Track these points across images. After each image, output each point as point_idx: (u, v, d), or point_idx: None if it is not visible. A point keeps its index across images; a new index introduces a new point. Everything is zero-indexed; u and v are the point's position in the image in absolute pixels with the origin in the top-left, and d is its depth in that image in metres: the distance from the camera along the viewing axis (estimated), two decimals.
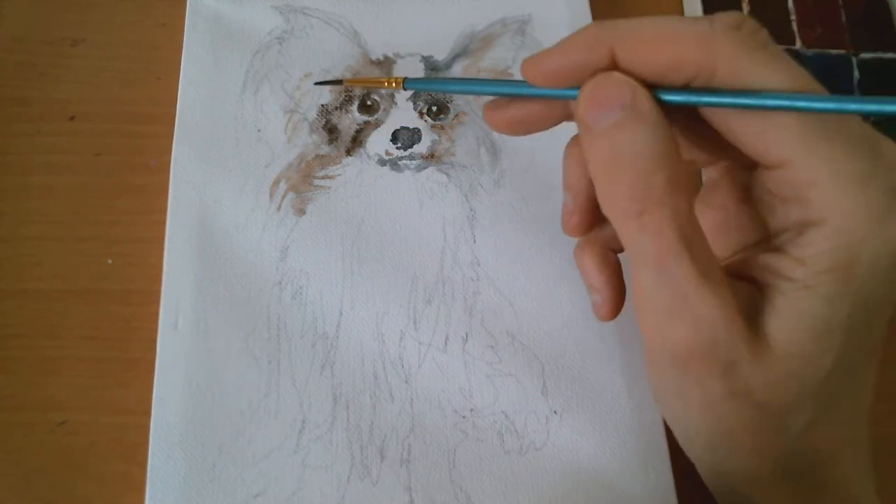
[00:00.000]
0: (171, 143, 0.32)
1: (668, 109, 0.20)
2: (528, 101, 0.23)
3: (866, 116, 0.18)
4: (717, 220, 0.24)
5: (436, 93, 0.34)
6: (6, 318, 0.31)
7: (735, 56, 0.19)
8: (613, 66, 0.20)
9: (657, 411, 0.29)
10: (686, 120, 0.22)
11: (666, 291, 0.19)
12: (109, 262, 0.32)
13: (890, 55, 0.38)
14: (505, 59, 0.35)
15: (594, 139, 0.20)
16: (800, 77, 0.19)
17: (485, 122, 0.24)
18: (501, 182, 0.33)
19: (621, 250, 0.25)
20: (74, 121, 0.34)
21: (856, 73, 0.38)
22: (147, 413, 0.28)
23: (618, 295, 0.25)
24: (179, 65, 0.34)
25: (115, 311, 0.31)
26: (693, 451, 0.23)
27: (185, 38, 0.34)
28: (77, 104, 0.35)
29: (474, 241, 0.32)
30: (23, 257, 0.32)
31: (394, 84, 0.26)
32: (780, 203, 0.21)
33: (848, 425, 0.21)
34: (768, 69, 0.19)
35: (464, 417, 0.29)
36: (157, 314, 0.29)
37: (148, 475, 0.27)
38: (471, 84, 0.25)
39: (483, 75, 0.35)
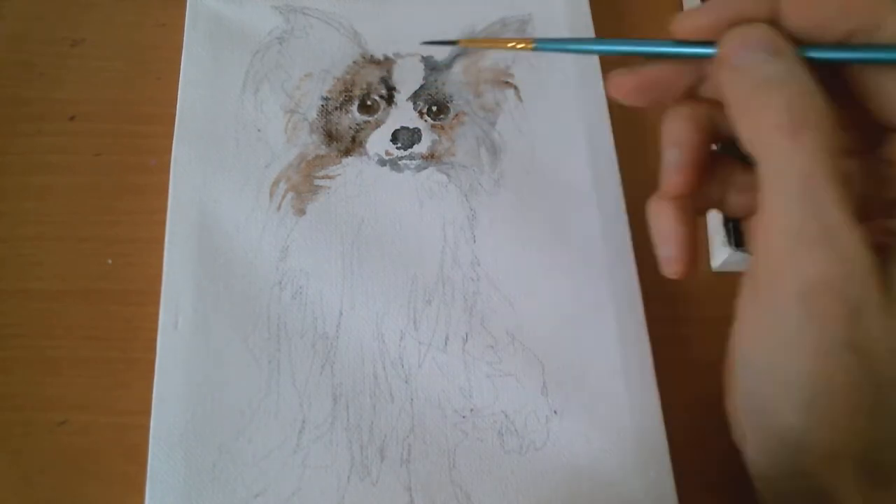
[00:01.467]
0: (171, 143, 0.32)
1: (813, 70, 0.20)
2: (660, 63, 0.23)
3: None
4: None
5: (436, 93, 0.34)
6: (6, 318, 0.31)
7: None
8: (774, 19, 0.20)
9: (658, 411, 0.29)
10: (831, 86, 0.21)
11: (808, 216, 0.19)
12: (109, 262, 0.32)
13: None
14: (505, 58, 0.35)
15: (738, 71, 0.20)
16: None
17: (610, 93, 0.24)
18: (501, 182, 0.33)
19: (704, 212, 0.25)
20: (74, 121, 0.34)
21: None
22: (147, 413, 0.28)
23: (692, 251, 0.24)
24: (179, 65, 0.34)
25: (115, 311, 0.31)
26: (781, 412, 0.21)
27: (185, 38, 0.34)
28: (77, 104, 0.35)
29: (474, 241, 0.32)
30: (23, 257, 0.32)
31: (522, 45, 0.24)
32: None
33: None
34: None
35: (464, 417, 0.29)
36: (157, 314, 0.29)
37: (148, 475, 0.27)
38: (607, 44, 0.25)
39: (483, 75, 0.35)
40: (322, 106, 0.34)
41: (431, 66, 0.35)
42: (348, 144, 0.33)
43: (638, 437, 0.28)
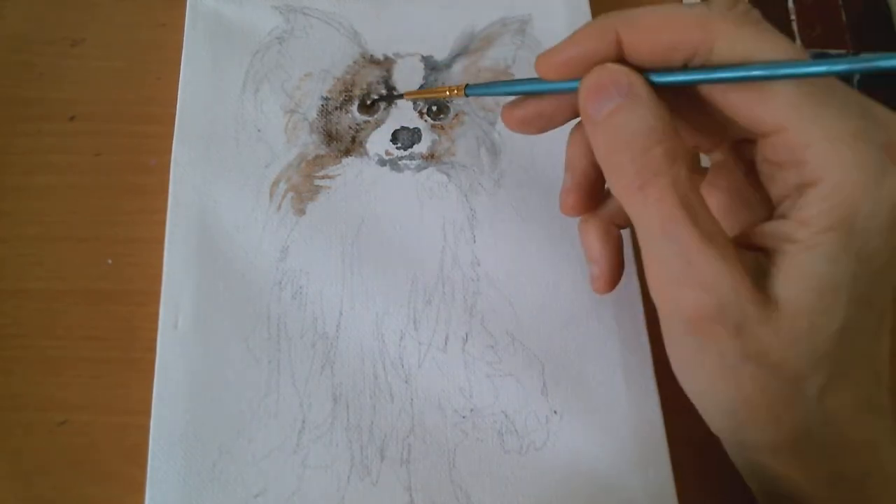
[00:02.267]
0: (171, 143, 0.32)
1: (669, 96, 0.22)
2: (541, 98, 0.25)
3: (849, 77, 0.19)
4: (724, 200, 0.25)
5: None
6: (6, 318, 0.31)
7: (729, 32, 0.20)
8: (619, 53, 0.22)
9: (658, 411, 0.29)
10: (687, 106, 0.23)
11: (671, 258, 0.20)
12: (109, 262, 0.32)
13: (890, 55, 0.38)
14: (505, 58, 0.35)
15: (597, 127, 0.22)
16: (790, 49, 0.20)
17: (502, 123, 0.26)
18: (501, 182, 0.33)
19: (623, 226, 0.27)
20: (74, 121, 0.34)
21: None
22: (147, 413, 0.28)
23: (615, 268, 0.26)
24: (179, 65, 0.34)
25: (115, 311, 0.31)
26: (713, 421, 0.23)
27: (185, 38, 0.34)
28: (77, 104, 0.35)
29: (474, 241, 0.32)
30: (23, 257, 0.32)
31: (455, 91, 0.27)
32: (779, 170, 0.21)
33: (863, 390, 0.21)
34: (761, 43, 0.20)
35: (464, 417, 0.29)
36: (157, 314, 0.29)
37: (148, 475, 0.27)
38: (509, 86, 0.26)
39: (483, 75, 0.35)
40: (322, 106, 0.34)
41: (431, 66, 0.35)
42: (348, 144, 0.33)
43: (638, 437, 0.28)
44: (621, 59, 0.22)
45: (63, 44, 0.36)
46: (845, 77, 0.20)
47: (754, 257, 0.21)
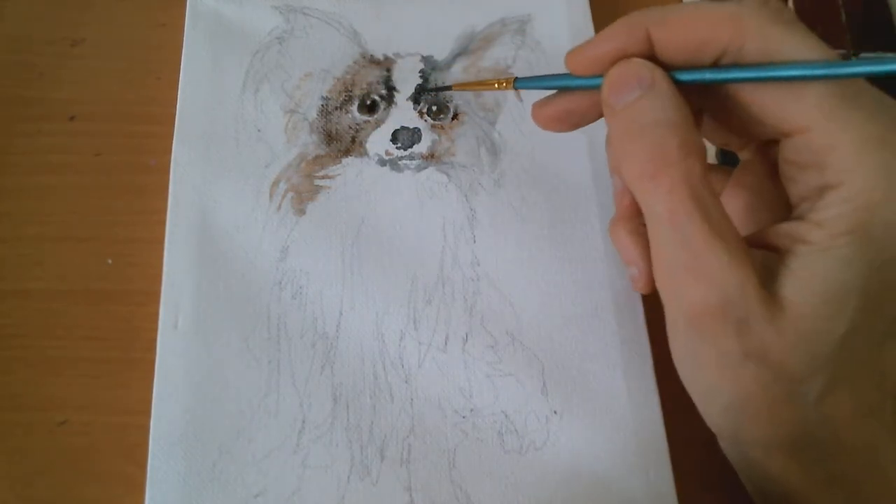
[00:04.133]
0: (171, 143, 0.32)
1: (697, 95, 0.22)
2: (571, 94, 0.25)
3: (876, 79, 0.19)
4: (747, 199, 0.25)
5: (436, 93, 0.34)
6: (6, 318, 0.31)
7: (761, 29, 0.20)
8: (649, 50, 0.22)
9: (658, 411, 0.29)
10: (716, 104, 0.23)
11: (679, 249, 0.20)
12: (109, 262, 0.32)
13: (890, 55, 0.38)
14: (505, 58, 0.35)
15: (616, 116, 0.22)
16: (821, 49, 0.20)
17: (533, 121, 0.26)
18: (501, 182, 0.33)
19: None
20: (74, 121, 0.34)
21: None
22: (147, 413, 0.28)
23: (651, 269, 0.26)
24: (179, 65, 0.34)
25: (115, 311, 0.31)
26: (710, 416, 0.23)
27: (185, 38, 0.34)
28: (77, 104, 0.35)
29: (474, 241, 0.32)
30: (23, 257, 0.32)
31: (504, 84, 0.27)
32: (800, 171, 0.21)
33: (865, 395, 0.21)
34: (792, 42, 0.20)
35: (464, 417, 0.29)
36: (157, 314, 0.29)
37: (148, 475, 0.27)
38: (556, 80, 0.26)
39: (483, 75, 0.35)
40: (322, 106, 0.34)
41: (431, 66, 0.35)
42: (348, 144, 0.33)
43: (638, 437, 0.28)
44: (651, 57, 0.22)
45: (63, 44, 0.36)
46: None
47: (764, 256, 0.21)
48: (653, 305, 0.30)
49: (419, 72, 0.35)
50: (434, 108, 0.34)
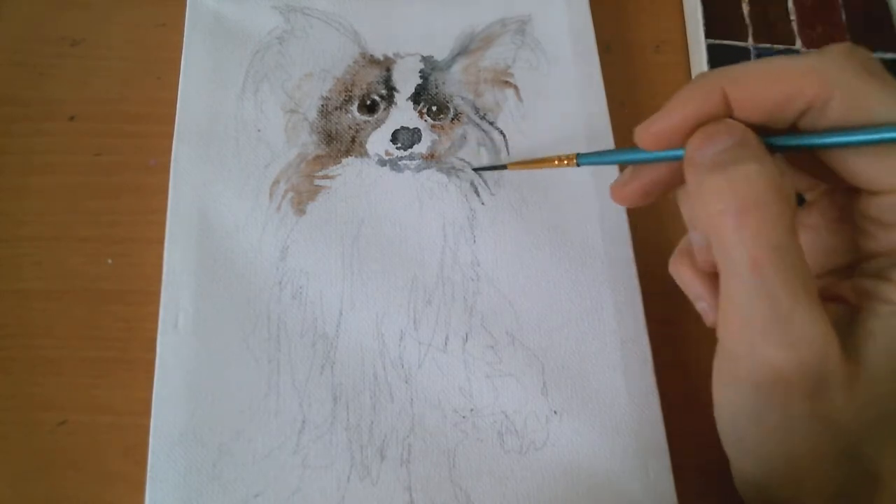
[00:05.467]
0: (171, 143, 0.32)
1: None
2: (654, 166, 0.23)
3: None
4: (808, 240, 0.23)
5: (436, 93, 0.34)
6: (6, 318, 0.31)
7: (848, 85, 0.18)
8: (726, 113, 0.20)
9: (658, 411, 0.29)
10: (796, 150, 0.22)
11: (760, 303, 0.18)
12: (109, 262, 0.32)
13: (890, 55, 0.38)
14: (505, 58, 0.35)
15: (698, 162, 0.20)
16: None
17: (616, 201, 0.24)
18: (501, 182, 0.33)
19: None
20: (74, 121, 0.34)
21: None
22: (147, 413, 0.28)
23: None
24: (179, 65, 0.34)
25: (115, 311, 0.31)
26: (743, 467, 0.22)
27: (185, 38, 0.34)
28: (77, 104, 0.35)
29: (474, 241, 0.32)
30: (22, 257, 0.32)
31: (565, 162, 0.26)
32: (881, 228, 0.20)
33: None
34: (882, 97, 0.18)
35: (464, 417, 0.29)
36: (157, 314, 0.29)
37: (148, 475, 0.27)
38: (625, 154, 0.24)
39: (483, 75, 0.35)
40: (322, 106, 0.34)
41: (431, 66, 0.35)
42: (348, 144, 0.33)
43: (638, 437, 0.28)
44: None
45: (63, 44, 0.36)
46: None
47: (837, 311, 0.20)
48: (653, 305, 0.31)
49: (419, 72, 0.35)
50: (434, 108, 0.34)
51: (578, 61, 0.35)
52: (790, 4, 0.40)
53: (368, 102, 0.34)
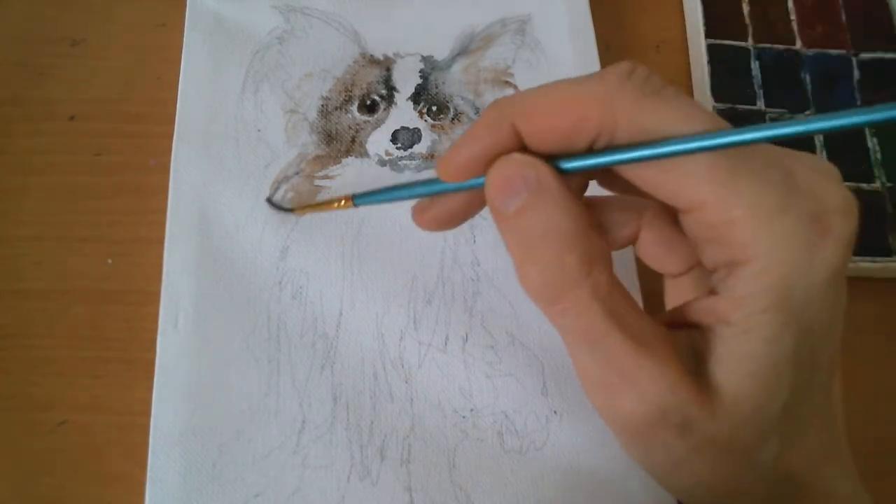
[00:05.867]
0: (171, 143, 0.32)
1: (583, 173, 0.20)
2: (452, 196, 0.23)
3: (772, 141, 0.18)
4: (665, 235, 0.23)
5: (436, 93, 0.34)
6: (6, 318, 0.31)
7: (631, 107, 0.18)
8: (519, 143, 0.20)
9: None
10: (605, 177, 0.22)
11: (603, 367, 0.19)
12: (109, 262, 0.32)
13: (890, 55, 0.38)
14: (505, 58, 0.35)
15: (506, 223, 0.20)
16: (698, 117, 0.18)
17: (416, 223, 0.24)
18: None
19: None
20: (74, 121, 0.34)
21: (856, 73, 0.38)
22: (147, 413, 0.28)
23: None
24: (179, 65, 0.34)
25: (115, 311, 0.31)
26: (677, 495, 0.23)
27: (185, 38, 0.34)
28: (77, 104, 0.35)
29: (474, 241, 0.32)
30: (22, 257, 0.32)
31: (343, 203, 0.26)
32: (706, 244, 0.20)
33: (821, 441, 0.21)
34: (665, 113, 0.18)
35: (464, 417, 0.29)
36: (157, 314, 0.29)
37: (148, 475, 0.27)
38: (409, 189, 0.25)
39: (483, 75, 0.35)
40: (322, 106, 0.34)
41: (431, 66, 0.35)
42: (348, 144, 0.33)
43: None
44: (524, 149, 0.20)
45: (63, 44, 0.36)
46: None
47: (689, 339, 0.20)
48: (654, 305, 0.31)
49: (419, 72, 0.35)
50: (434, 108, 0.34)
51: (578, 61, 0.35)
52: (790, 4, 0.40)
53: (368, 102, 0.34)
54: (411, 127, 0.33)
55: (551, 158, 0.20)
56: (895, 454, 0.31)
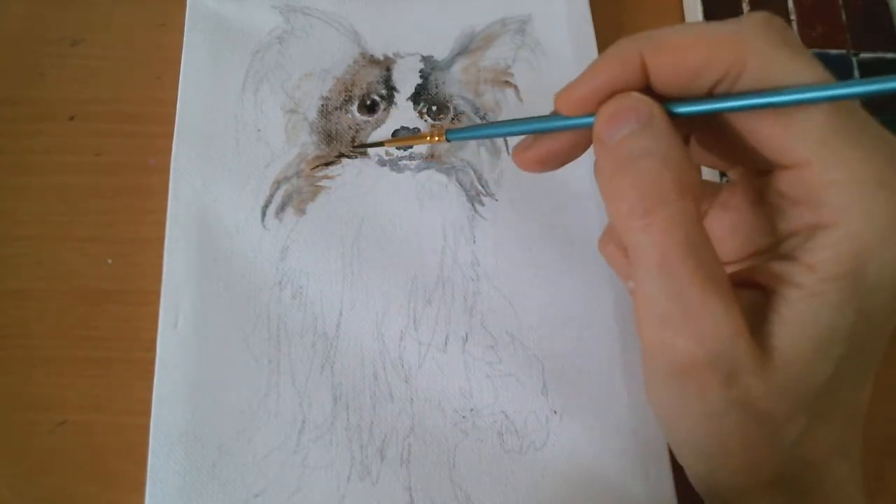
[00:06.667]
0: (171, 143, 0.32)
1: (688, 120, 0.21)
2: (558, 134, 0.23)
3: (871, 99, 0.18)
4: (731, 221, 0.24)
5: (436, 93, 0.34)
6: (6, 318, 0.31)
7: (764, 53, 0.19)
8: (643, 81, 0.20)
9: None
10: (708, 129, 0.22)
11: (669, 298, 0.19)
12: (109, 262, 0.32)
13: (890, 55, 0.38)
14: (505, 58, 0.35)
15: (607, 150, 0.20)
16: (823, 74, 0.19)
17: (516, 165, 0.24)
18: (501, 182, 0.33)
19: None
20: (74, 121, 0.34)
21: (856, 74, 0.38)
22: (147, 413, 0.28)
23: None
24: (179, 65, 0.34)
25: (115, 310, 0.31)
26: (685, 458, 0.23)
27: (185, 38, 0.34)
28: (77, 104, 0.35)
29: (474, 241, 0.32)
30: (22, 257, 0.32)
31: (437, 138, 0.26)
32: (792, 205, 0.20)
33: (841, 435, 0.21)
34: (797, 66, 0.19)
35: (464, 417, 0.29)
36: (157, 314, 0.29)
37: (148, 475, 0.27)
38: (509, 126, 0.24)
39: (483, 75, 0.35)
40: (322, 106, 0.34)
41: (431, 66, 0.35)
42: (348, 144, 0.33)
43: (638, 437, 0.28)
44: (646, 89, 0.20)
45: (63, 44, 0.36)
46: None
47: (751, 297, 0.20)
48: None
49: (419, 72, 0.35)
50: (434, 108, 0.34)
51: (578, 61, 0.35)
52: (790, 4, 0.40)
53: (368, 102, 0.34)
54: (411, 127, 0.33)
55: (666, 103, 0.20)
56: (895, 454, 0.31)
